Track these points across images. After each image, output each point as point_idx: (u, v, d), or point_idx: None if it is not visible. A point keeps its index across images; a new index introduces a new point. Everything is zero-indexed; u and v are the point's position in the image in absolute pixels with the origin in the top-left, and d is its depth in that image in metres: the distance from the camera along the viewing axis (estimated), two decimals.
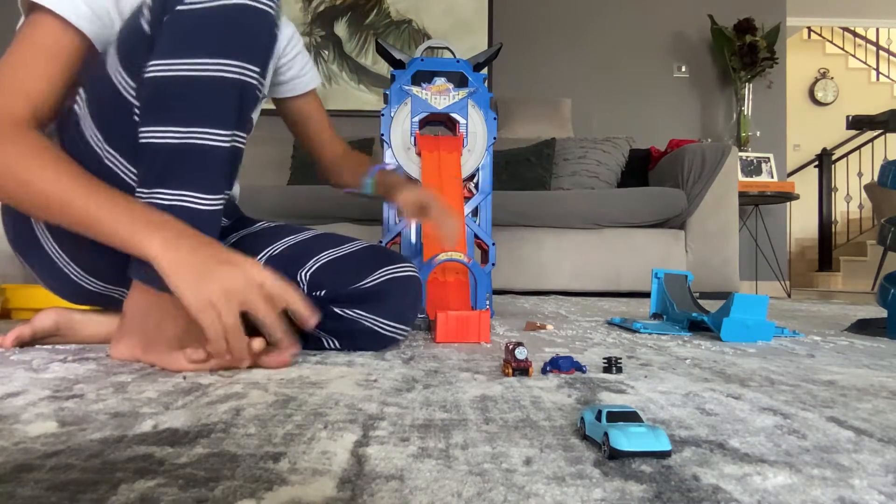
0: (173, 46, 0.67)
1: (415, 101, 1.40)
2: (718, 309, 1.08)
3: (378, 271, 0.85)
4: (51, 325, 0.84)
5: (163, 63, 0.67)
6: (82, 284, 0.80)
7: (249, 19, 0.68)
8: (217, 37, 0.67)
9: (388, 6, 3.89)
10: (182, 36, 0.67)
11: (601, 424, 0.40)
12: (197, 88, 0.67)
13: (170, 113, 0.68)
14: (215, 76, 0.67)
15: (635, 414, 0.41)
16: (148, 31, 0.68)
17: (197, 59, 0.66)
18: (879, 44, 6.37)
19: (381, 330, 0.84)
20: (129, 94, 0.70)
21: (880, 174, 1.22)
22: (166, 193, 0.68)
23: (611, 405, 0.42)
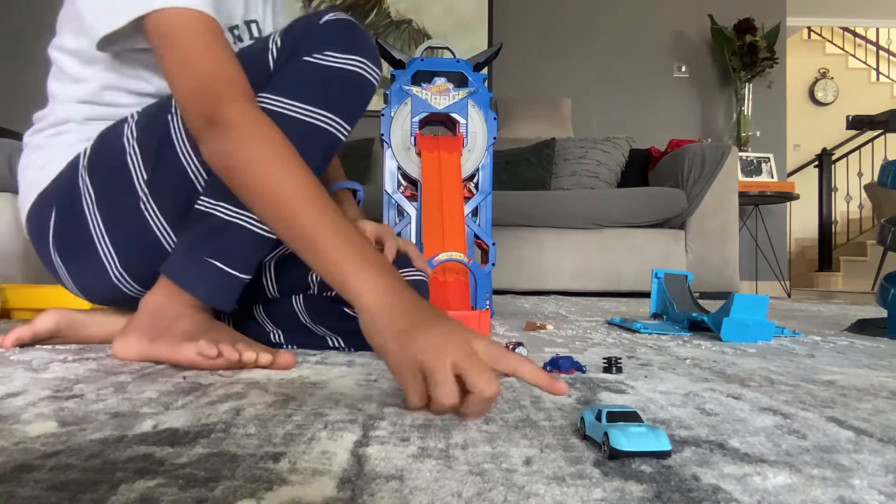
0: (288, 87, 0.74)
1: (415, 101, 1.40)
2: (718, 309, 1.08)
3: None
4: (52, 327, 0.85)
5: (274, 98, 0.73)
6: (119, 286, 0.81)
7: (359, 85, 0.77)
8: (329, 92, 0.75)
9: (388, 6, 3.89)
10: (299, 82, 0.74)
11: (601, 424, 0.40)
12: (297, 130, 0.72)
13: None
14: (317, 125, 0.74)
15: (635, 414, 0.41)
16: (271, 68, 0.75)
17: (304, 105, 0.74)
18: (879, 44, 6.37)
19: None
20: None
21: (880, 174, 1.22)
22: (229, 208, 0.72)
23: (611, 405, 0.42)
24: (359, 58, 0.76)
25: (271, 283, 0.88)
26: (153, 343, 0.72)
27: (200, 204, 0.74)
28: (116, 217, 0.79)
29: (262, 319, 0.88)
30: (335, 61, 0.75)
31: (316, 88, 0.74)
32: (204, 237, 0.73)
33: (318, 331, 0.86)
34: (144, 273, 0.79)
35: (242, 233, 0.73)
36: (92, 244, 0.80)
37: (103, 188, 0.78)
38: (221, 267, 0.73)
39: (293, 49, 0.74)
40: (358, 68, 0.76)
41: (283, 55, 0.75)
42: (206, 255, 0.73)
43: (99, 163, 0.79)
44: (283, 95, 0.73)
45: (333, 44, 0.75)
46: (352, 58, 0.75)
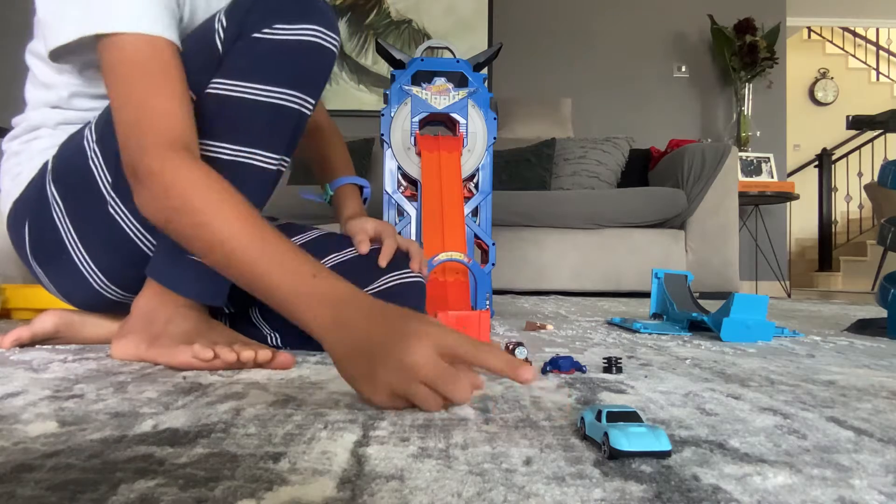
0: (243, 69, 0.70)
1: (415, 101, 1.40)
2: (718, 309, 1.08)
3: (388, 275, 0.85)
4: (50, 328, 0.84)
5: (230, 83, 0.70)
6: (101, 292, 0.81)
7: (318, 56, 0.72)
8: (285, 68, 0.70)
9: (388, 6, 3.89)
10: (253, 61, 0.70)
11: (601, 424, 0.40)
12: (258, 112, 0.70)
13: (228, 131, 0.70)
14: (278, 104, 0.71)
15: (635, 414, 0.41)
16: (220, 50, 0.70)
17: (264, 86, 0.70)
18: (879, 44, 6.37)
19: None
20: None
21: (880, 174, 1.22)
22: None
23: (610, 405, 0.42)
24: (312, 26, 0.70)
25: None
26: (150, 348, 0.71)
27: None
28: (87, 224, 0.77)
29: (258, 322, 0.87)
30: (287, 33, 0.70)
31: (271, 66, 0.70)
32: None
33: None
34: (127, 277, 0.78)
35: None
36: (67, 253, 0.78)
37: (70, 195, 0.76)
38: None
39: (240, 26, 0.70)
40: (312, 37, 0.71)
41: (231, 34, 0.70)
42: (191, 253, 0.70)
43: (63, 170, 0.77)
44: (238, 78, 0.70)
45: (282, 15, 0.70)
46: (304, 28, 0.70)
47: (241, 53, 0.70)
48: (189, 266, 0.71)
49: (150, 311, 0.73)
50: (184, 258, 0.71)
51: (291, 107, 0.72)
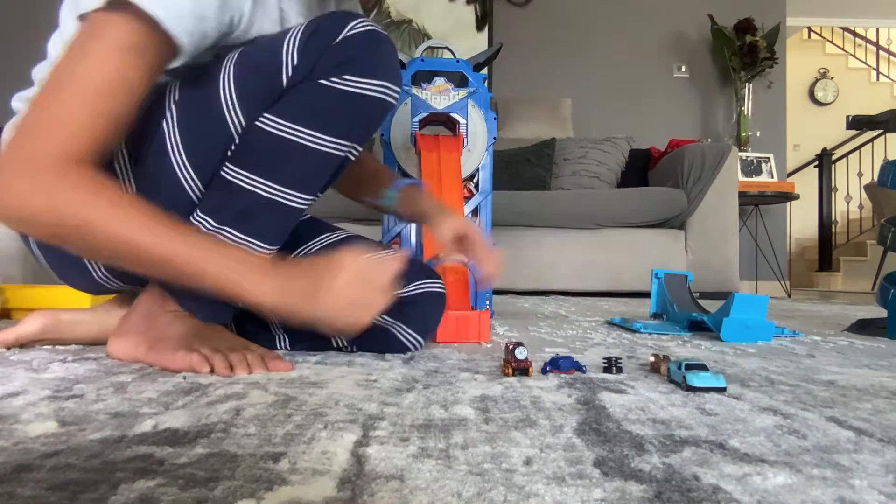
0: (303, 113, 0.69)
1: (415, 101, 1.40)
2: (718, 309, 1.08)
3: (416, 282, 0.86)
4: (37, 329, 0.83)
5: (284, 123, 0.69)
6: (102, 284, 0.80)
7: (377, 110, 0.72)
8: (345, 118, 0.70)
9: (388, 6, 3.89)
10: (315, 107, 0.69)
11: (681, 371, 0.61)
12: (306, 158, 0.70)
13: (270, 169, 0.70)
14: (326, 152, 0.71)
15: (704, 365, 0.61)
16: (284, 86, 0.68)
17: (319, 133, 0.69)
18: (879, 44, 6.37)
19: (404, 338, 0.84)
20: (235, 129, 0.69)
21: (880, 174, 1.22)
22: (235, 235, 0.70)
23: (687, 359, 0.63)
24: (380, 82, 0.70)
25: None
26: (149, 351, 0.71)
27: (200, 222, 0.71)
28: None
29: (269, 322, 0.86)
30: (355, 86, 0.69)
31: (331, 116, 0.69)
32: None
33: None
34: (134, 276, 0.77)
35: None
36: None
37: None
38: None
39: (311, 68, 0.68)
40: (378, 93, 0.70)
41: (299, 73, 0.68)
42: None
43: None
44: (295, 121, 0.69)
45: (355, 67, 0.68)
46: (373, 83, 0.69)
47: (304, 97, 0.68)
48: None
49: (152, 313, 0.73)
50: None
51: (340, 155, 0.72)
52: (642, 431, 0.44)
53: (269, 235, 0.73)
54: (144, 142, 0.71)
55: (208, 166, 0.70)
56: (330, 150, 0.71)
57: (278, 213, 0.72)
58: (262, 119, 0.69)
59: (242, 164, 0.70)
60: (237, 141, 0.70)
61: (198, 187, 0.71)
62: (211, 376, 0.64)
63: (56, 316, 0.86)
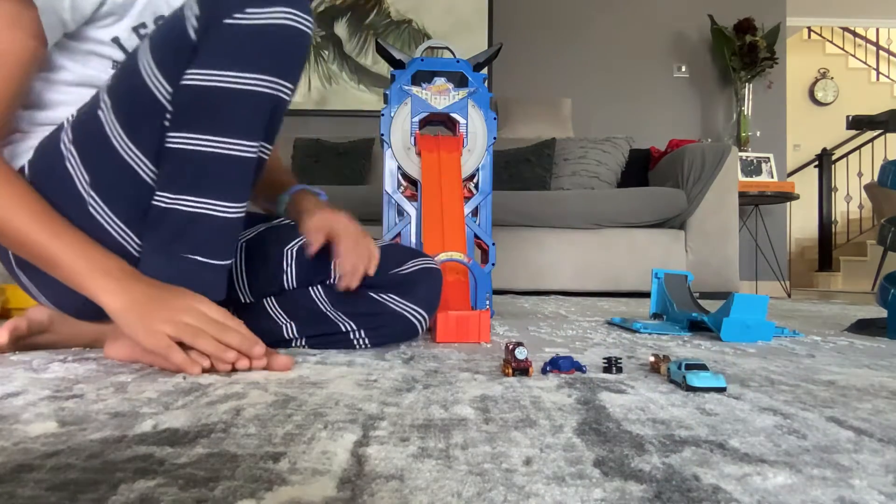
0: (216, 57, 0.69)
1: (415, 101, 1.40)
2: (718, 309, 1.08)
3: (412, 261, 0.92)
4: (45, 319, 0.84)
5: (203, 72, 0.69)
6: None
7: (291, 38, 0.71)
8: (259, 53, 0.69)
9: (388, 6, 3.89)
10: (227, 48, 0.69)
11: (681, 371, 0.61)
12: (234, 100, 0.69)
13: (204, 121, 0.70)
14: (253, 90, 0.70)
15: (704, 365, 0.61)
16: (193, 39, 0.69)
17: (237, 73, 0.69)
18: (879, 44, 6.37)
19: (410, 315, 0.88)
20: (164, 98, 0.70)
21: (880, 174, 1.22)
22: (192, 200, 0.70)
23: (687, 359, 0.63)
24: (283, 8, 0.69)
25: (290, 274, 0.88)
26: (145, 352, 0.71)
27: (159, 200, 0.71)
28: None
29: (275, 312, 0.87)
30: (259, 17, 0.69)
31: (245, 53, 0.69)
32: (176, 234, 0.71)
33: (335, 316, 0.86)
34: None
35: (212, 221, 0.71)
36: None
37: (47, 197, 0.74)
38: (203, 260, 0.72)
39: (212, 12, 0.68)
40: (285, 20, 0.69)
41: (203, 21, 0.69)
42: (183, 251, 0.71)
43: (40, 174, 0.75)
44: (213, 67, 0.68)
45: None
46: (276, 11, 0.69)
47: (214, 41, 0.69)
48: (186, 265, 0.71)
49: None
50: (181, 257, 0.71)
51: (268, 93, 0.71)
52: (642, 431, 0.44)
53: (228, 191, 0.72)
54: (88, 136, 0.73)
55: (151, 142, 0.71)
56: (256, 87, 0.69)
57: (227, 166, 0.71)
58: (185, 76, 0.69)
59: (178, 128, 0.70)
60: (170, 109, 0.70)
61: (148, 167, 0.72)
62: (211, 376, 0.64)
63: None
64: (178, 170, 0.70)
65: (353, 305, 0.86)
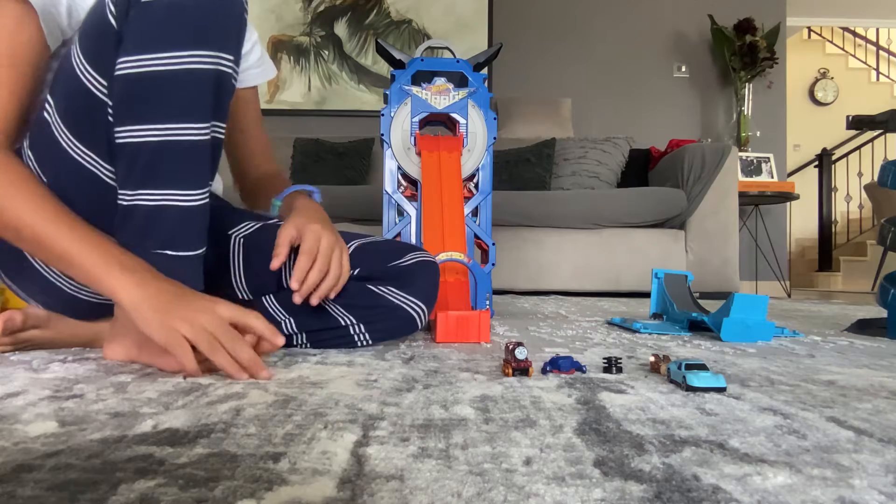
0: (143, 41, 0.65)
1: (415, 101, 1.40)
2: (718, 309, 1.08)
3: (409, 254, 0.93)
4: (43, 314, 0.82)
5: (133, 59, 0.65)
6: (76, 295, 0.79)
7: (220, 5, 0.66)
8: (188, 27, 0.65)
9: (388, 6, 3.89)
10: (151, 29, 0.64)
11: (681, 371, 0.61)
12: (172, 83, 0.65)
13: (146, 111, 0.66)
14: (190, 69, 0.65)
15: (704, 365, 0.61)
16: (115, 26, 0.65)
17: (169, 53, 0.64)
18: (879, 44, 6.37)
19: (408, 307, 0.88)
20: (100, 92, 0.68)
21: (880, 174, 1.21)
22: (151, 193, 0.68)
23: (687, 359, 0.62)
24: None
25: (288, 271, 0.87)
26: (141, 352, 0.71)
27: (121, 198, 0.69)
28: None
29: (273, 309, 0.87)
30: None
31: (170, 30, 0.64)
32: (143, 230, 0.68)
33: (333, 309, 0.85)
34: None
35: (175, 212, 0.69)
36: (32, 267, 0.77)
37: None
38: (174, 254, 0.69)
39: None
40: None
41: (121, 5, 0.65)
42: (154, 247, 0.68)
43: None
44: (140, 52, 0.64)
45: None
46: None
47: (136, 23, 0.65)
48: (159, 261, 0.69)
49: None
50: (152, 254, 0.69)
51: (206, 69, 0.66)
52: (642, 431, 0.44)
53: (186, 179, 0.69)
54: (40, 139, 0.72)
55: (99, 139, 0.69)
56: (191, 65, 0.65)
57: (179, 153, 0.68)
58: (117, 66, 0.66)
59: (121, 121, 0.67)
60: (109, 103, 0.68)
61: (103, 165, 0.71)
62: (211, 376, 0.64)
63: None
64: (132, 164, 0.68)
65: (352, 297, 0.86)
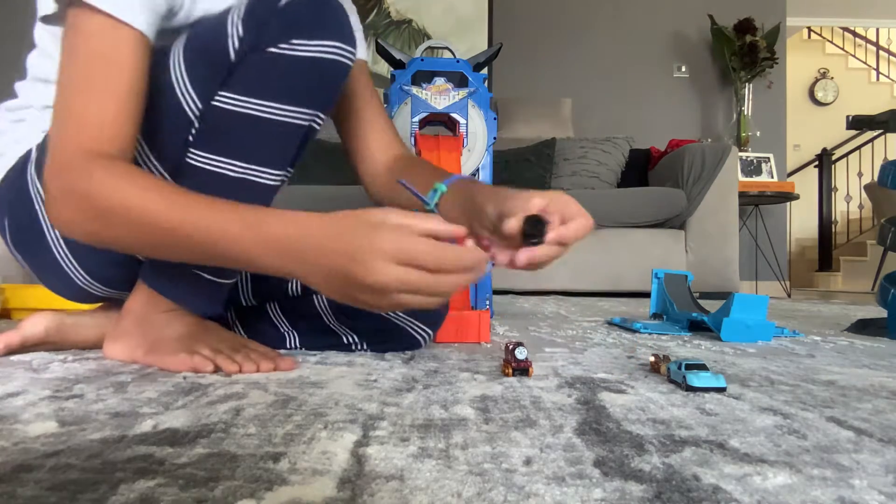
0: (255, 85, 0.67)
1: (415, 101, 1.40)
2: (718, 309, 1.08)
3: None
4: (41, 332, 0.81)
5: (240, 98, 0.67)
6: (85, 289, 0.79)
7: (335, 73, 0.69)
8: (301, 86, 0.68)
9: (388, 6, 3.89)
10: (267, 77, 0.67)
11: (681, 371, 0.61)
12: (267, 131, 0.68)
13: (234, 147, 0.68)
14: (289, 122, 0.69)
15: (704, 365, 0.61)
16: (233, 60, 0.66)
17: (276, 104, 0.67)
18: (879, 44, 6.37)
19: (411, 329, 0.84)
20: (191, 112, 0.68)
21: (880, 174, 1.21)
22: None
23: (687, 359, 0.62)
24: (329, 42, 0.67)
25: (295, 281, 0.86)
26: (147, 354, 0.71)
27: None
28: None
29: (277, 320, 0.86)
30: (304, 50, 0.66)
31: (285, 84, 0.67)
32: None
33: (338, 328, 0.84)
34: (110, 274, 0.77)
35: None
36: (48, 247, 0.76)
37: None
38: (205, 276, 0.71)
39: (257, 38, 0.66)
40: (329, 54, 0.67)
41: (246, 44, 0.66)
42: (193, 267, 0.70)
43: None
44: (250, 94, 0.67)
45: (300, 30, 0.66)
46: (322, 44, 0.67)
47: (255, 68, 0.67)
48: (186, 278, 0.70)
49: (145, 315, 0.72)
50: (183, 270, 0.69)
51: (301, 124, 0.70)
52: (642, 431, 0.44)
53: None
54: None
55: (173, 156, 0.69)
56: (290, 119, 0.69)
57: (250, 192, 0.69)
58: (218, 97, 0.67)
59: (205, 147, 0.68)
60: (197, 125, 0.68)
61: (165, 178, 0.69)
62: (211, 376, 0.64)
63: (59, 319, 0.83)
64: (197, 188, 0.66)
65: (357, 318, 0.83)
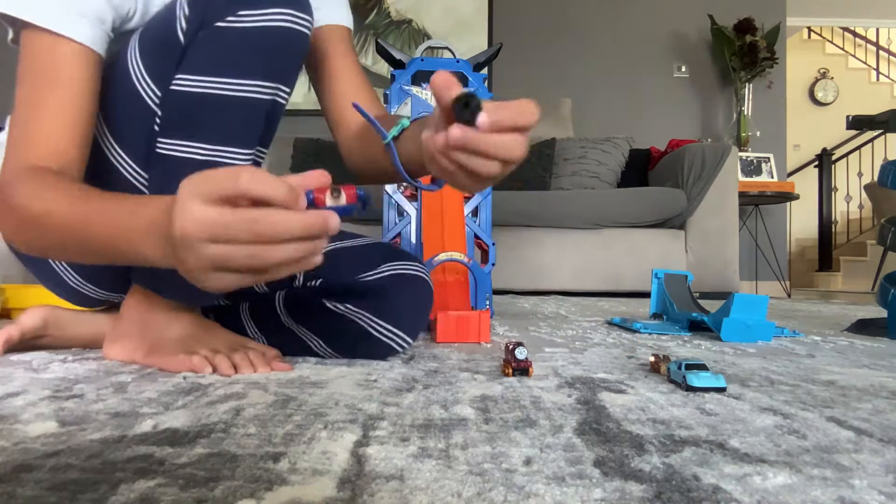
0: (208, 63, 0.65)
1: (415, 101, 1.40)
2: (718, 309, 1.08)
3: (383, 265, 0.78)
4: (39, 324, 0.81)
5: (195, 78, 0.65)
6: (82, 291, 0.80)
7: (289, 41, 0.67)
8: (255, 58, 0.65)
9: (388, 6, 3.89)
10: (219, 53, 0.65)
11: (681, 371, 0.61)
12: (228, 108, 0.66)
13: (197, 130, 0.67)
14: (249, 97, 0.66)
15: (704, 365, 0.61)
16: (182, 42, 0.65)
17: (232, 79, 0.65)
18: (879, 44, 6.37)
19: (377, 333, 0.75)
20: (152, 101, 0.67)
21: (880, 174, 1.22)
22: None
23: (687, 359, 0.62)
24: (278, 10, 0.65)
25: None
26: (147, 355, 0.71)
27: None
28: None
29: (245, 321, 0.83)
30: (253, 20, 0.64)
31: (238, 57, 0.65)
32: None
33: (299, 331, 0.79)
34: (103, 277, 0.77)
35: None
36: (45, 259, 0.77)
37: None
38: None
39: (203, 14, 0.64)
40: (283, 21, 0.65)
41: (193, 23, 0.65)
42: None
43: None
44: (204, 73, 0.65)
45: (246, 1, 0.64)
46: (272, 12, 0.64)
47: (205, 46, 0.65)
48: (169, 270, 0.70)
49: (143, 316, 0.72)
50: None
51: (264, 99, 0.68)
52: (642, 431, 0.44)
53: None
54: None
55: (142, 148, 0.68)
56: (250, 94, 0.66)
57: None
58: (175, 81, 0.66)
59: (170, 134, 0.67)
60: (160, 113, 0.67)
61: (137, 171, 0.70)
62: (211, 376, 0.64)
63: (58, 312, 0.84)
64: (169, 176, 0.67)
65: (315, 320, 0.78)
